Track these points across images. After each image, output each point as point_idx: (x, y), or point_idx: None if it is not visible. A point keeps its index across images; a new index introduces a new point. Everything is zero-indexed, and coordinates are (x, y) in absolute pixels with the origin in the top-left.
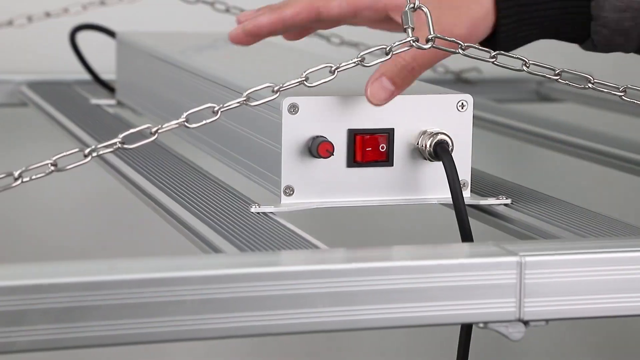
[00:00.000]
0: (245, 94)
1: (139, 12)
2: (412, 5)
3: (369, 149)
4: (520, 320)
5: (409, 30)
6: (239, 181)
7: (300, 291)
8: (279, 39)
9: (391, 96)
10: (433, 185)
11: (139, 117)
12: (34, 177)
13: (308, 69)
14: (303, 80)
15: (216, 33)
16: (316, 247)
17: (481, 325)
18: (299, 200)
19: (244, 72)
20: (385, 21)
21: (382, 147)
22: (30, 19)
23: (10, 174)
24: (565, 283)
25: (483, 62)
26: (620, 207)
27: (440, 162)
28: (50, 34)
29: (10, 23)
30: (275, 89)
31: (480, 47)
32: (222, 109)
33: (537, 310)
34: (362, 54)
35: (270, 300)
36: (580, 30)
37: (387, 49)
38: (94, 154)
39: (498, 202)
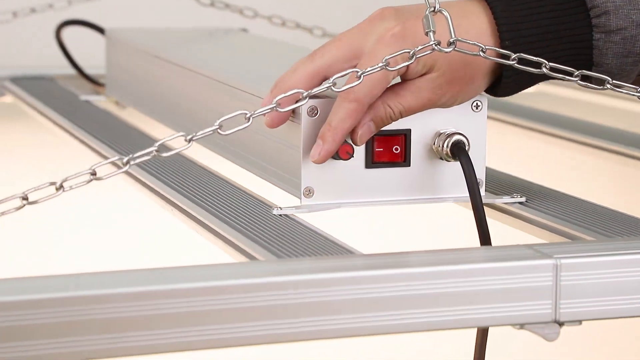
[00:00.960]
0: (275, 100)
1: (121, 8)
2: (432, 8)
3: (387, 150)
4: (556, 321)
5: (431, 34)
6: (250, 183)
7: (350, 296)
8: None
9: (369, 137)
10: (449, 184)
11: (139, 114)
12: (74, 186)
13: (335, 74)
14: (330, 85)
15: (202, 27)
16: (344, 248)
17: (517, 327)
18: (319, 202)
19: (246, 70)
20: None
21: (399, 149)
22: (15, 14)
23: (53, 183)
24: (599, 284)
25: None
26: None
27: (456, 162)
28: (36, 30)
29: None
30: (305, 94)
31: (502, 51)
32: (253, 115)
33: (572, 312)
34: (386, 58)
35: (293, 308)
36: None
37: (411, 53)
38: (132, 162)
39: (513, 200)
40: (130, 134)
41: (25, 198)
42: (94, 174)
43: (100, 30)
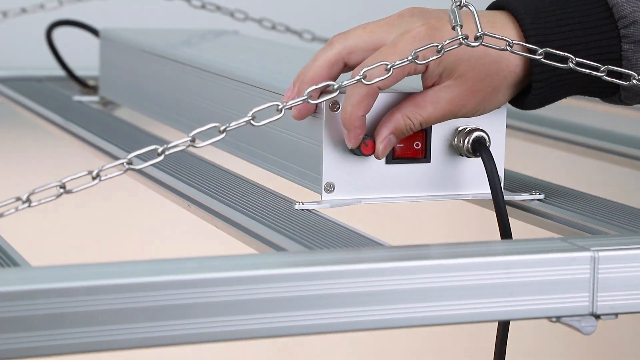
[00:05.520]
0: (306, 92)
1: (111, 10)
2: (457, 2)
3: (408, 146)
4: (592, 314)
5: (458, 29)
6: (265, 180)
7: (377, 288)
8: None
9: (390, 149)
10: (468, 181)
11: (135, 113)
12: (109, 175)
13: (365, 67)
14: (360, 78)
15: (195, 29)
16: (372, 240)
17: (554, 319)
18: (340, 197)
19: (244, 64)
20: None
21: (420, 144)
22: (5, 14)
23: (89, 172)
24: (637, 277)
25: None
26: None
27: (475, 158)
28: (27, 30)
29: None
30: (335, 87)
31: (529, 45)
32: (285, 107)
33: (609, 304)
34: (415, 51)
35: (321, 299)
36: (609, 87)
37: (439, 47)
38: (167, 152)
39: (531, 197)
40: (130, 131)
41: (62, 187)
42: (130, 163)
43: (92, 30)
